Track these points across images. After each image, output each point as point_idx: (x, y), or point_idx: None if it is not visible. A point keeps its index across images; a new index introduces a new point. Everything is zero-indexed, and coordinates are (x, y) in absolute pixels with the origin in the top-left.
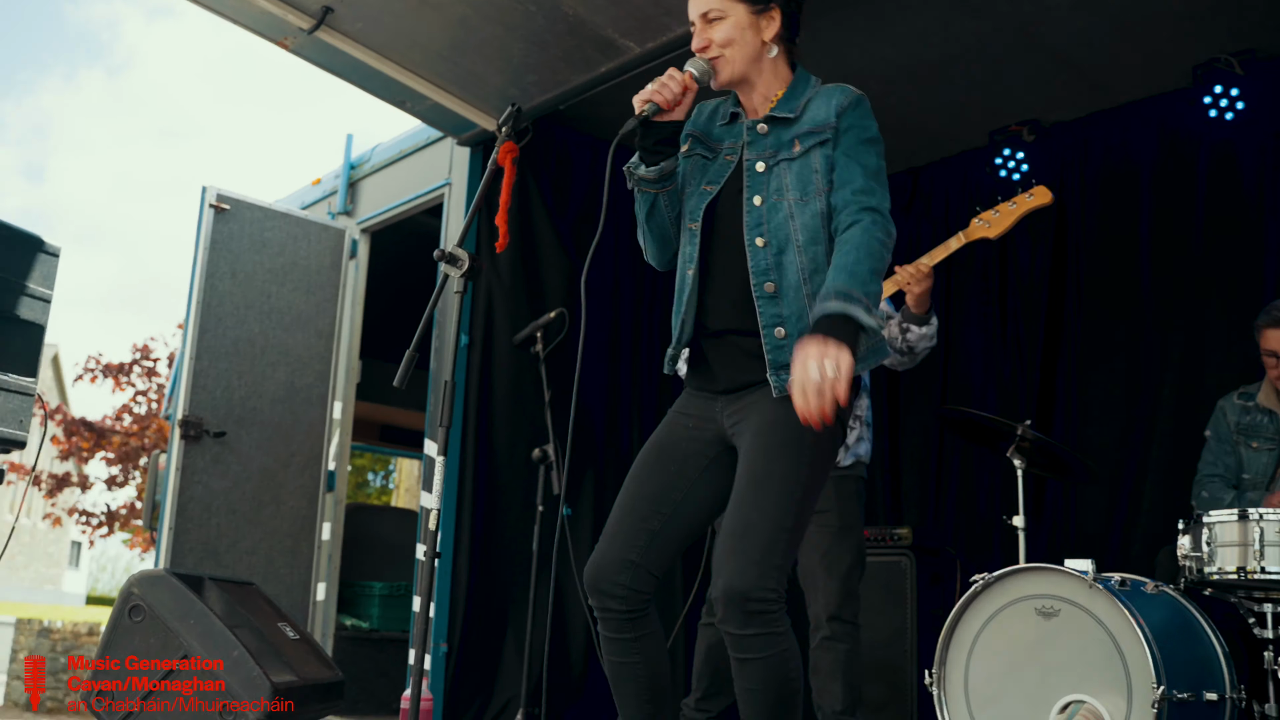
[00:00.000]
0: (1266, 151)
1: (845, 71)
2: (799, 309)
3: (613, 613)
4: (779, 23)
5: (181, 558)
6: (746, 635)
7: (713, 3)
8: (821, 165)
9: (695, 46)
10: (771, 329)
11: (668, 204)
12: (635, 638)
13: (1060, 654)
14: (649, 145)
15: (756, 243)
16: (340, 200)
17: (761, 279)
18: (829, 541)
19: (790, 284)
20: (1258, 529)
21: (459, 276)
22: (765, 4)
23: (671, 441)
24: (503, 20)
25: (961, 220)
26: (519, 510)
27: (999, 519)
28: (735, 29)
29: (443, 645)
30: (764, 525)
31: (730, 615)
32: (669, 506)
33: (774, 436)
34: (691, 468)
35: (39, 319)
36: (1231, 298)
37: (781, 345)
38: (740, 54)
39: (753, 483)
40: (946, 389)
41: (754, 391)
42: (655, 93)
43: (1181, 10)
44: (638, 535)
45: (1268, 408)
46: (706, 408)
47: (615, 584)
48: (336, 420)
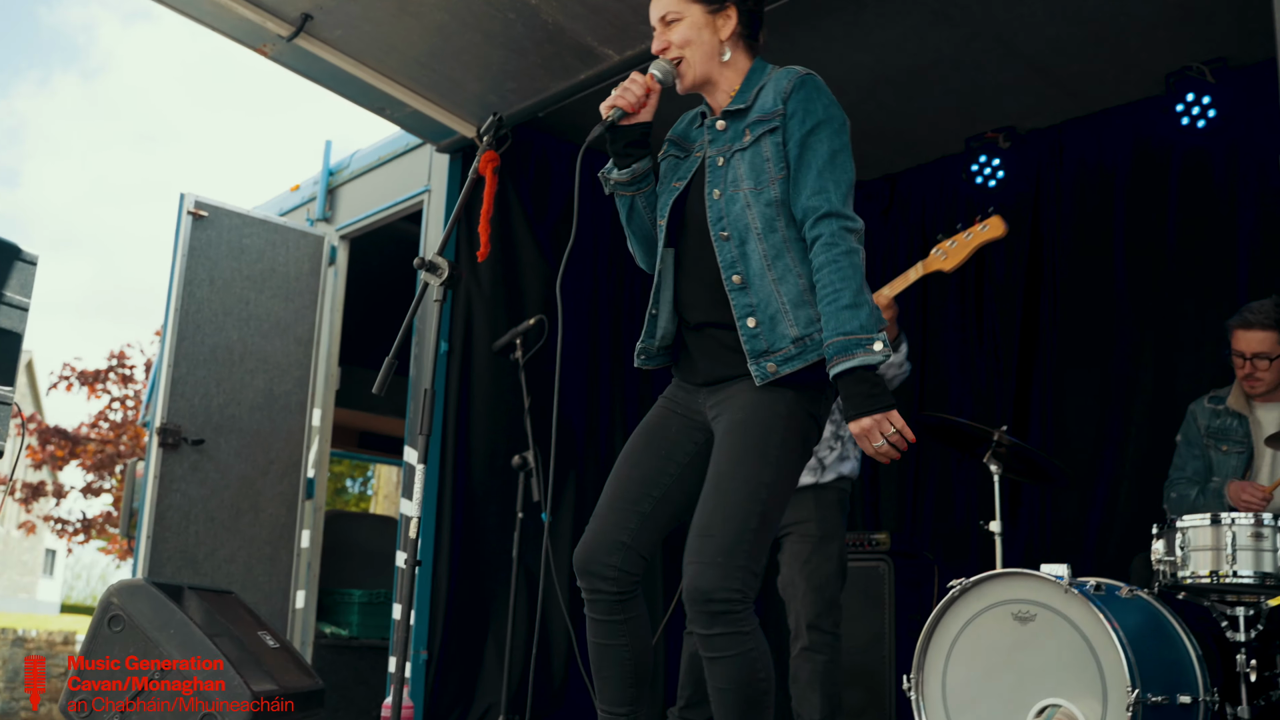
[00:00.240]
0: (1238, 158)
1: (823, 78)
2: (766, 295)
3: (602, 594)
4: (735, 20)
5: (160, 566)
6: (713, 635)
7: (669, 5)
8: (773, 153)
9: (655, 49)
10: (745, 319)
11: (645, 206)
12: (623, 620)
13: (1036, 658)
14: (619, 149)
15: (721, 236)
16: (319, 207)
17: (729, 271)
18: (808, 551)
19: (755, 272)
20: (1230, 533)
21: (439, 284)
22: (721, 3)
23: (661, 426)
24: (482, 28)
25: (939, 225)
26: (499, 517)
27: (975, 524)
28: (692, 29)
29: (423, 652)
30: (727, 527)
31: (696, 615)
32: (659, 490)
33: (741, 438)
34: (681, 452)
35: (16, 327)
36: (1205, 302)
37: (756, 334)
38: (699, 53)
39: (717, 484)
40: (923, 394)
41: (732, 384)
42: (619, 97)
43: (1154, 19)
44: (628, 517)
45: (1237, 411)
46: (690, 399)
47: (606, 565)
48: (316, 427)
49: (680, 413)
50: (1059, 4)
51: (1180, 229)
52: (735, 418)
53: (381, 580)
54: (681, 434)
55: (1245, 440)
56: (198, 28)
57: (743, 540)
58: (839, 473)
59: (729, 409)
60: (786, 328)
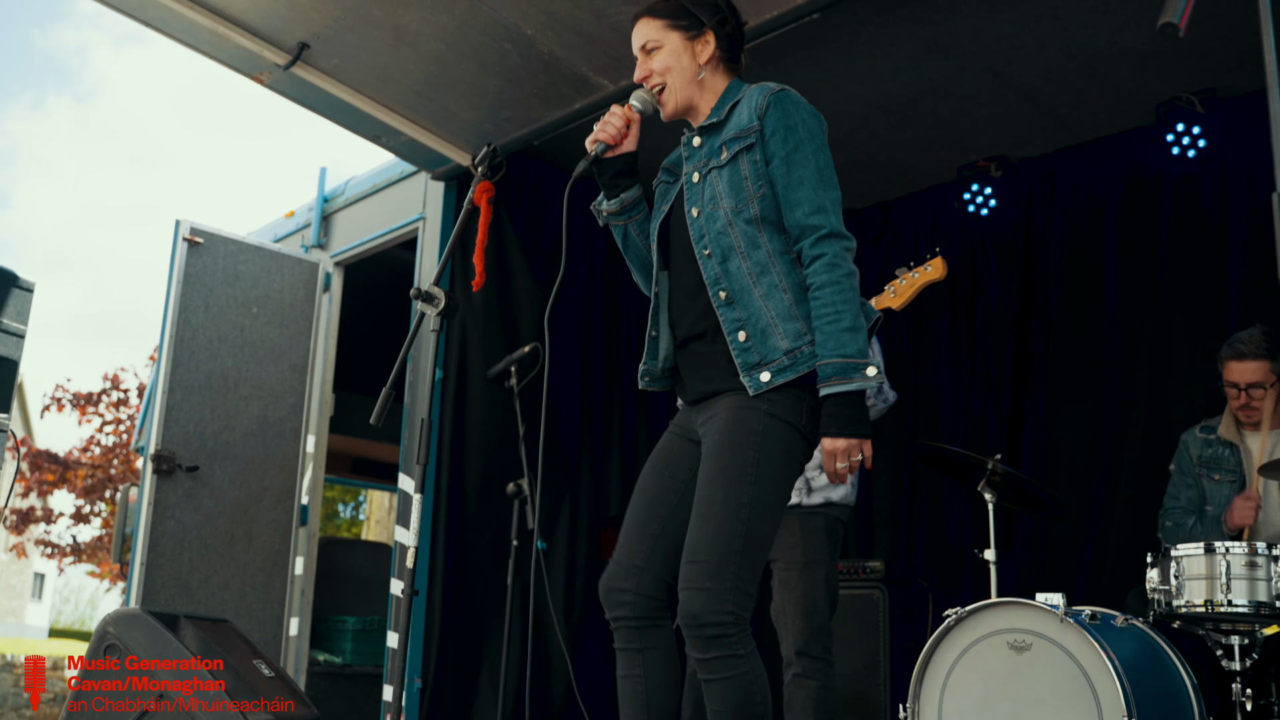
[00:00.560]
0: (1228, 187)
1: (816, 107)
2: (755, 310)
3: (623, 620)
4: (714, 45)
5: (154, 593)
6: (708, 659)
7: (649, 34)
8: (751, 171)
9: (638, 77)
10: (735, 334)
11: (639, 233)
12: (641, 649)
13: (1033, 687)
14: (605, 180)
15: (704, 253)
16: (314, 233)
17: (715, 288)
18: (795, 578)
19: (741, 288)
20: (1224, 562)
21: (435, 315)
22: (698, 29)
23: (665, 449)
24: (478, 58)
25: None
26: (493, 544)
27: (969, 552)
28: (671, 56)
29: (417, 681)
30: (711, 550)
31: (691, 640)
32: (666, 508)
33: (716, 460)
34: (683, 470)
35: (12, 354)
36: (1196, 330)
37: (748, 347)
38: (679, 79)
39: (698, 510)
40: (916, 422)
41: (716, 401)
42: (600, 131)
43: (1145, 51)
44: (640, 541)
45: (1229, 440)
46: (687, 418)
47: (623, 590)
48: (310, 454)
49: (681, 434)
50: (1050, 35)
51: (1171, 257)
52: (712, 440)
53: (375, 607)
54: (682, 453)
55: (1237, 469)
56: (187, 51)
57: (728, 562)
58: (826, 498)
59: (710, 429)
60: (778, 340)
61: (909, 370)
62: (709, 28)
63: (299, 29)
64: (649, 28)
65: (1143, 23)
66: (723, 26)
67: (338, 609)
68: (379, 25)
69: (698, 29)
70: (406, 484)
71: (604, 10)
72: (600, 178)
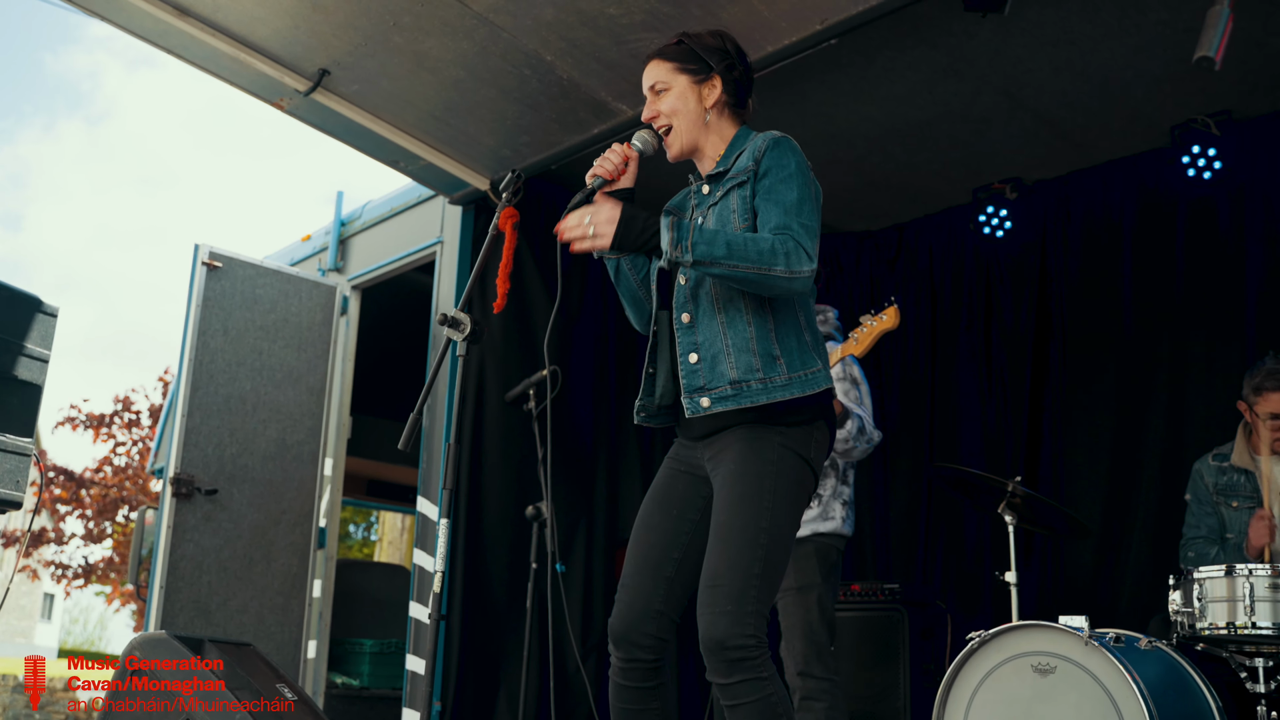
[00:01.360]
0: (1244, 208)
1: (832, 131)
2: (712, 336)
3: (641, 663)
4: (720, 89)
5: (173, 616)
6: (733, 683)
7: (659, 76)
8: (739, 205)
9: (645, 117)
10: (686, 355)
11: (631, 267)
12: (656, 685)
13: (1057, 711)
14: None
15: (680, 280)
16: (331, 257)
17: (680, 311)
18: (789, 603)
19: (704, 312)
20: (1248, 584)
21: (462, 340)
22: (706, 74)
23: (669, 488)
24: (497, 83)
25: (947, 275)
26: (511, 567)
27: (987, 573)
28: (679, 99)
29: (437, 704)
30: (732, 575)
31: (715, 665)
32: (678, 550)
33: (735, 489)
34: (692, 509)
35: (36, 379)
36: (1213, 350)
37: (695, 370)
38: (685, 122)
39: (718, 535)
40: (933, 444)
41: (726, 435)
42: (599, 166)
43: (1160, 73)
44: (657, 584)
45: (1242, 467)
46: (691, 454)
47: (645, 634)
48: (327, 476)
49: (685, 470)
50: (1066, 59)
51: (1187, 279)
52: (729, 469)
53: (392, 630)
54: (690, 490)
55: (1255, 495)
56: (204, 76)
57: (750, 586)
58: (814, 530)
59: (724, 460)
60: (726, 369)
61: (925, 392)
62: (716, 73)
63: (320, 55)
64: (659, 70)
65: (1157, 46)
66: (730, 72)
67: (354, 631)
68: (399, 52)
69: (705, 74)
70: (426, 507)
71: (623, 37)
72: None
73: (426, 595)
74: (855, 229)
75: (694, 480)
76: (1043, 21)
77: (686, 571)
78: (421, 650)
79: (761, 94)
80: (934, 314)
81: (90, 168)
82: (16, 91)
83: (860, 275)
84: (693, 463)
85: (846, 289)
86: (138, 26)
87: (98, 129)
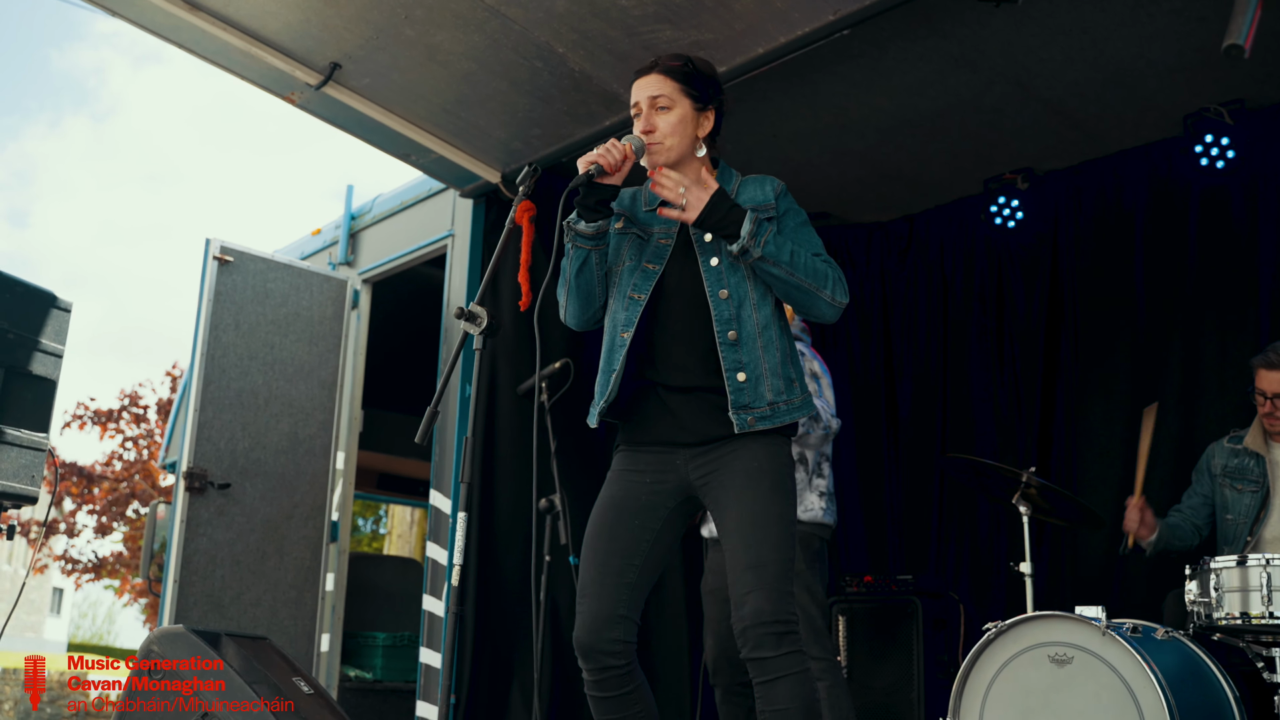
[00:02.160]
0: (1257, 198)
1: (844, 122)
2: (755, 356)
3: (613, 670)
4: (713, 122)
5: (187, 610)
6: (780, 655)
7: (664, 90)
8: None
9: (642, 129)
10: (734, 373)
11: (599, 262)
12: (634, 689)
13: (1074, 701)
14: (590, 204)
15: (720, 295)
16: (341, 251)
17: (725, 328)
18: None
19: (749, 334)
20: (1265, 574)
21: (479, 334)
22: (706, 104)
23: (629, 497)
24: (509, 76)
25: (958, 265)
26: (524, 560)
27: (1001, 564)
28: (679, 121)
29: (451, 696)
30: (776, 558)
31: (763, 639)
32: (639, 558)
33: (764, 482)
34: (653, 519)
35: (51, 374)
36: (1226, 339)
37: (742, 388)
38: (679, 144)
39: (756, 523)
40: (946, 434)
41: (726, 444)
42: (601, 156)
43: (1172, 62)
44: (620, 590)
45: (1255, 451)
46: (665, 461)
47: (612, 640)
48: (339, 470)
49: (649, 480)
50: (1078, 48)
51: (1200, 268)
52: (750, 465)
53: (404, 623)
54: (652, 500)
55: (1261, 480)
56: (207, 69)
57: (787, 569)
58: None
59: (733, 462)
60: (765, 390)
61: (937, 383)
62: (713, 105)
63: (331, 49)
64: (664, 85)
65: (1170, 35)
66: (721, 107)
67: (367, 625)
68: (410, 45)
69: (704, 104)
70: (439, 500)
71: (635, 28)
72: (586, 199)
73: (440, 588)
74: (865, 220)
75: (657, 490)
76: (1055, 11)
77: (645, 580)
78: (435, 643)
79: (773, 85)
80: (945, 305)
81: (96, 164)
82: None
83: (871, 267)
84: (664, 468)
85: (857, 280)
86: (149, 21)
87: (103, 125)
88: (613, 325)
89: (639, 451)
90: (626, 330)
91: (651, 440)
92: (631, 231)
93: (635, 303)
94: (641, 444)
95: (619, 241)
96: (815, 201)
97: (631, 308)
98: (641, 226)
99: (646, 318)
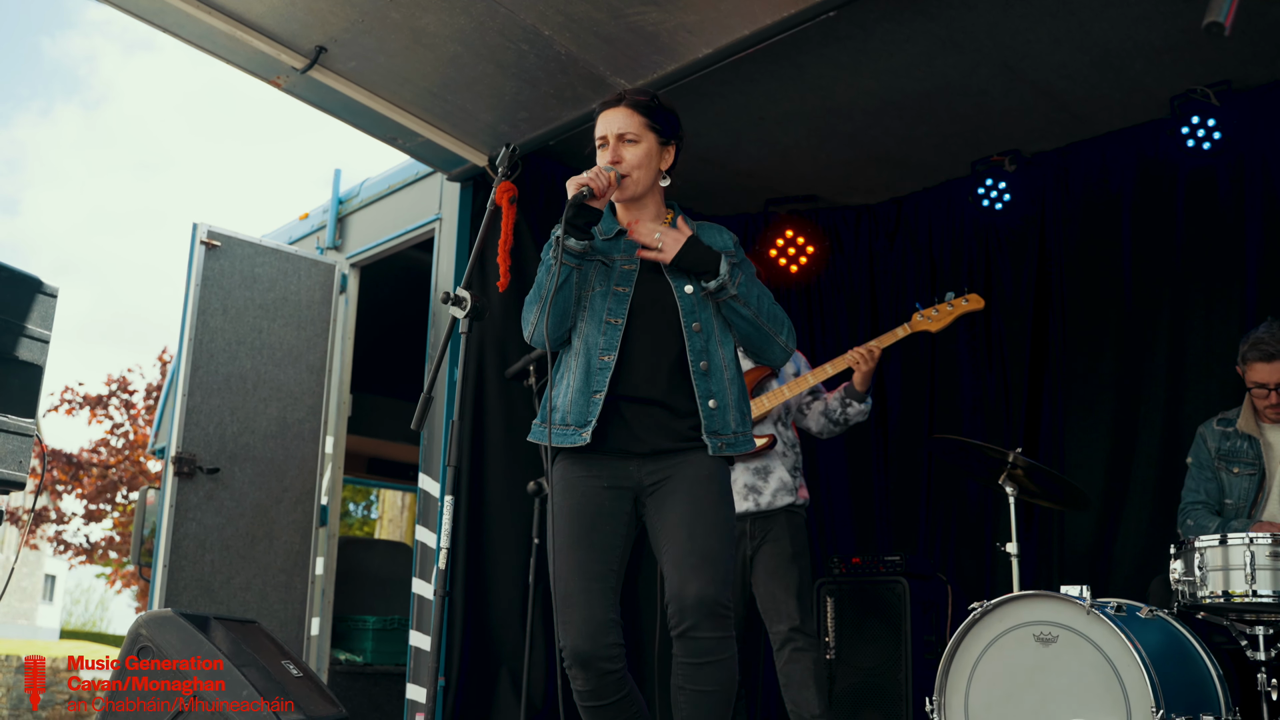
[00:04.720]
0: (1243, 179)
1: (830, 104)
2: (723, 387)
3: (611, 674)
4: (672, 158)
5: (176, 595)
6: (716, 637)
7: (631, 126)
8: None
9: (608, 160)
10: (706, 400)
11: (578, 281)
12: (628, 692)
13: (1059, 679)
14: (580, 224)
15: (693, 328)
16: (329, 235)
17: (697, 358)
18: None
19: (716, 366)
20: (1248, 553)
21: (465, 317)
22: (668, 140)
23: (596, 505)
24: (495, 59)
25: (946, 248)
26: (513, 543)
27: (988, 545)
28: (646, 155)
29: (440, 679)
30: (723, 554)
31: (705, 620)
32: (616, 563)
33: (712, 489)
34: (620, 524)
35: (37, 360)
36: (1213, 321)
37: (714, 414)
38: (644, 176)
39: (708, 520)
40: (933, 416)
41: (679, 455)
42: (591, 179)
43: (1159, 44)
44: (606, 595)
45: (1247, 433)
46: (619, 468)
47: (610, 645)
48: (328, 454)
49: (611, 486)
50: (1065, 30)
51: (1186, 249)
52: (700, 473)
53: (394, 606)
54: (616, 505)
55: (1256, 462)
56: (198, 56)
57: (730, 567)
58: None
59: (685, 470)
60: (730, 419)
61: (925, 364)
62: (674, 142)
63: (316, 32)
64: (631, 120)
65: (1157, 16)
66: (680, 143)
67: (357, 608)
68: (396, 28)
69: (667, 140)
70: (428, 484)
71: (621, 11)
72: (576, 219)
73: (429, 571)
74: (853, 203)
75: (619, 495)
76: None
77: (619, 582)
78: (424, 626)
79: (760, 67)
80: (933, 287)
81: (87, 151)
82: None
83: (859, 250)
84: (620, 475)
85: (844, 264)
86: (136, 6)
87: (94, 113)
88: (586, 348)
89: (593, 460)
90: (608, 354)
91: (605, 449)
92: (595, 259)
93: (613, 327)
94: (599, 451)
95: (586, 268)
96: (803, 184)
97: (610, 332)
98: (603, 254)
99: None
